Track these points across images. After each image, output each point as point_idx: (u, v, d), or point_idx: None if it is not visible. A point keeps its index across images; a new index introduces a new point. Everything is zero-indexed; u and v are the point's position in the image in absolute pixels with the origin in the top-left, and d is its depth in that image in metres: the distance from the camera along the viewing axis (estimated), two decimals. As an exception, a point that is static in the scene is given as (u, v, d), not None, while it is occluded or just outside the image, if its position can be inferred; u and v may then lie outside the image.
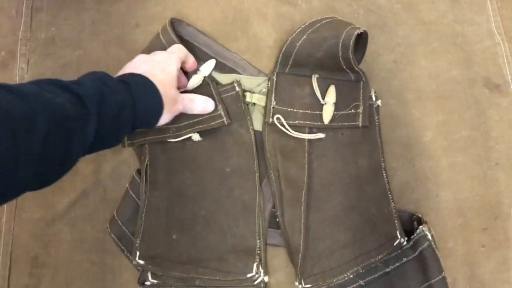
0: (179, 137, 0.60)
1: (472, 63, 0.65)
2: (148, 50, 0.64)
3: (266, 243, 0.59)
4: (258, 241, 0.58)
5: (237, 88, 0.61)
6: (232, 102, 0.61)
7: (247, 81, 0.63)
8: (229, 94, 0.61)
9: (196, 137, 0.60)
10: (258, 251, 0.57)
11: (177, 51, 0.59)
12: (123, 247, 0.59)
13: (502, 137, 0.62)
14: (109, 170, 0.63)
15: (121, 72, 0.54)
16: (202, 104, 0.59)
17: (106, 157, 0.64)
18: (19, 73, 0.68)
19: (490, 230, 0.59)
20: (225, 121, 0.60)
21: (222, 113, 0.60)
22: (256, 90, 0.63)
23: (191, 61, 0.61)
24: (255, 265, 0.57)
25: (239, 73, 0.64)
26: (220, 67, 0.65)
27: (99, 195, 0.63)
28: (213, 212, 0.59)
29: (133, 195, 0.61)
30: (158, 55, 0.57)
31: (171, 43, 0.62)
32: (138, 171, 0.62)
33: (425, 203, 0.60)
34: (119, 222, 0.60)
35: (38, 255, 0.62)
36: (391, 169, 0.60)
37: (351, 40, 0.56)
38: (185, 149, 0.61)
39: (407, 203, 0.60)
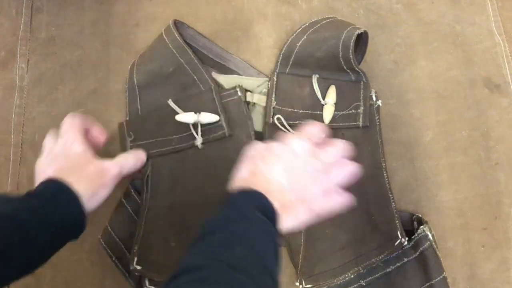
0: (182, 148, 0.60)
1: (472, 63, 0.65)
2: (151, 51, 0.64)
3: None
4: None
5: (239, 93, 0.61)
6: (234, 107, 0.61)
7: (247, 82, 0.63)
8: (231, 98, 0.61)
9: (199, 141, 0.59)
10: None
11: (70, 127, 0.54)
12: (111, 253, 0.59)
13: (502, 137, 0.62)
14: (109, 170, 0.63)
15: (37, 179, 0.51)
16: (133, 159, 0.57)
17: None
18: (19, 73, 0.68)
19: (490, 230, 0.59)
20: (226, 132, 0.59)
21: (224, 124, 0.60)
22: (256, 91, 0.63)
23: (95, 128, 0.57)
24: None
25: (239, 75, 0.64)
26: (220, 68, 0.64)
27: (99, 195, 0.63)
28: None
29: (126, 204, 0.60)
30: (57, 145, 0.53)
31: (175, 43, 0.62)
32: (132, 184, 0.61)
33: (425, 203, 0.60)
34: (109, 228, 0.59)
35: (38, 255, 0.62)
36: (391, 169, 0.60)
37: (352, 40, 0.56)
38: (186, 159, 0.60)
39: (407, 203, 0.60)
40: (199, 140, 0.60)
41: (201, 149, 0.60)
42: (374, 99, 0.61)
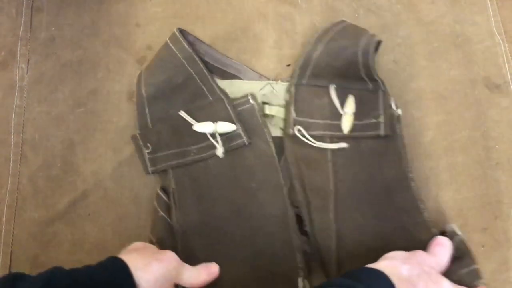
0: (202, 158, 0.59)
1: (472, 63, 0.65)
2: (158, 62, 0.62)
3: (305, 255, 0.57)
4: (298, 254, 0.56)
5: (251, 101, 0.60)
6: (248, 116, 0.60)
7: (249, 86, 0.63)
8: (244, 107, 0.61)
9: (220, 150, 0.59)
10: (300, 265, 0.56)
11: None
12: None
13: (502, 137, 0.62)
14: (110, 171, 0.63)
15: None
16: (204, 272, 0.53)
17: (107, 157, 0.64)
18: (19, 73, 0.68)
19: (490, 230, 0.59)
20: (245, 141, 0.59)
21: (242, 133, 0.59)
22: (259, 94, 0.63)
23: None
24: (300, 279, 0.55)
25: (240, 79, 0.64)
26: (221, 74, 0.64)
27: (99, 195, 0.63)
28: (248, 232, 0.57)
29: (163, 214, 0.58)
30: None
31: (184, 53, 0.61)
32: (163, 188, 0.60)
33: (425, 203, 0.60)
34: (153, 239, 0.58)
35: (38, 255, 0.62)
36: (391, 169, 0.60)
37: (372, 47, 0.56)
38: (208, 169, 0.59)
39: (407, 203, 0.60)
40: (220, 150, 0.59)
41: (222, 158, 0.59)
42: (394, 108, 0.60)
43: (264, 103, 0.62)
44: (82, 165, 0.64)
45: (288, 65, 0.65)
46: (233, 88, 0.63)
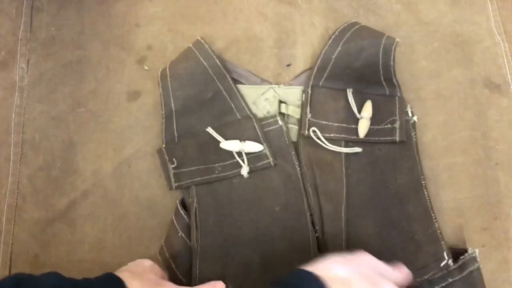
0: (227, 177, 0.58)
1: (472, 63, 0.65)
2: (188, 75, 0.62)
3: None
4: None
5: (280, 122, 0.60)
6: (275, 137, 0.60)
7: (252, 91, 0.63)
8: (271, 128, 0.60)
9: (245, 170, 0.58)
10: None
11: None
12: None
13: (502, 137, 0.62)
14: (110, 171, 0.63)
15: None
16: None
17: (107, 157, 0.64)
18: (19, 73, 0.68)
19: (490, 230, 0.59)
20: (271, 162, 0.58)
21: (268, 154, 0.58)
22: (261, 98, 0.63)
23: None
24: None
25: (242, 83, 0.64)
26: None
27: (99, 195, 0.63)
28: (268, 257, 0.57)
29: (183, 235, 0.58)
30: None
31: (215, 69, 0.61)
32: (182, 202, 0.60)
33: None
34: (167, 254, 0.58)
35: (38, 255, 0.62)
36: (391, 169, 0.60)
37: (393, 47, 0.57)
38: (232, 189, 0.59)
39: (407, 203, 0.60)
40: (245, 169, 0.58)
41: (246, 178, 0.59)
42: (410, 114, 0.60)
43: (281, 101, 0.62)
44: (82, 165, 0.64)
45: (288, 65, 0.65)
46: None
